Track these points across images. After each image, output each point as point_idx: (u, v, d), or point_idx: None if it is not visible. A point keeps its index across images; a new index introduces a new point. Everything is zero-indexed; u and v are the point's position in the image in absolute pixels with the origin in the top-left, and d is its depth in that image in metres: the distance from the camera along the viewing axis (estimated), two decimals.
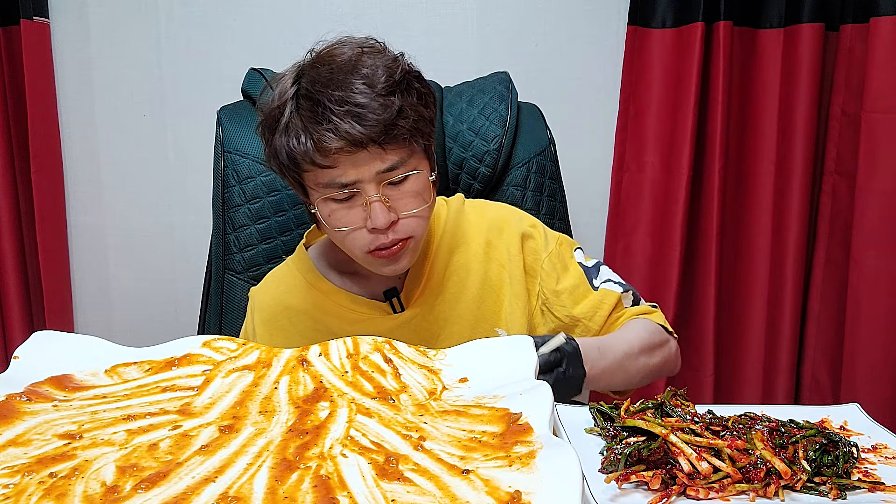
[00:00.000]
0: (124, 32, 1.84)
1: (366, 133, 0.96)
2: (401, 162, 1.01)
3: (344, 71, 0.99)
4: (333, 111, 0.96)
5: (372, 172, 1.00)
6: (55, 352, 0.83)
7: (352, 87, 0.97)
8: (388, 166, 1.00)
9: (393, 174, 1.01)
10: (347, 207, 1.03)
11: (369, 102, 0.97)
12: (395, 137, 0.99)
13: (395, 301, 1.16)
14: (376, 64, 1.00)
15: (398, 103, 0.99)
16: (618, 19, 1.82)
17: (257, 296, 1.22)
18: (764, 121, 1.80)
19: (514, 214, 1.23)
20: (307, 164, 0.99)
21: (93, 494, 0.59)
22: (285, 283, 1.20)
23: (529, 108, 1.46)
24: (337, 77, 0.98)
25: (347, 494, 0.60)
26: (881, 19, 1.64)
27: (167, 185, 1.90)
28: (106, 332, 0.94)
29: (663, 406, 0.92)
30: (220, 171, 1.35)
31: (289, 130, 0.99)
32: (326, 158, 0.98)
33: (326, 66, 1.00)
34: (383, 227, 1.02)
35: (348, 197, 1.02)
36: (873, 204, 1.71)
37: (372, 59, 1.01)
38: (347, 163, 0.99)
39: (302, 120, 0.98)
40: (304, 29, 1.83)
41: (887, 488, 0.80)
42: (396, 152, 1.01)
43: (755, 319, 1.87)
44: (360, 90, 0.97)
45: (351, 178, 1.00)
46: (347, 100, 0.97)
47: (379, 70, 1.00)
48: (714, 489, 0.78)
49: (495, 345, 0.88)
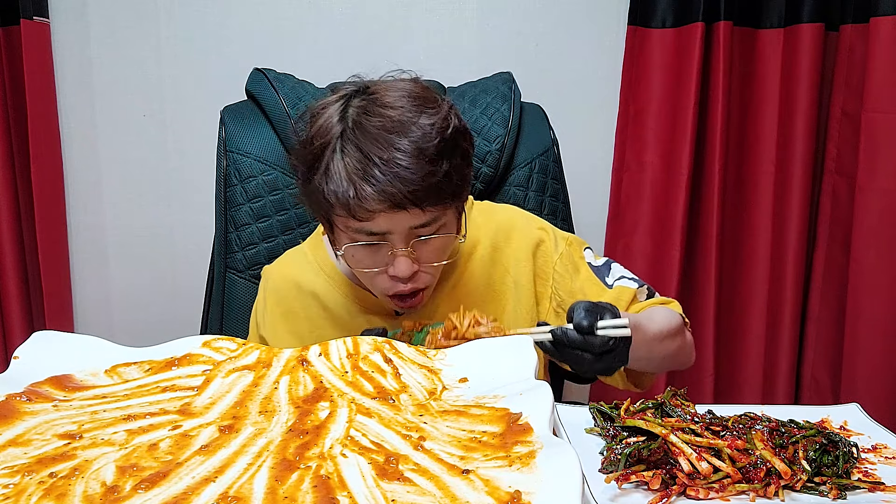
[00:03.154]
0: (124, 32, 1.84)
1: (409, 198, 0.96)
2: (434, 219, 1.01)
3: (394, 131, 0.97)
4: (380, 170, 0.95)
5: (405, 227, 1.00)
6: (55, 352, 0.83)
7: (401, 150, 0.96)
8: (421, 223, 1.00)
9: (424, 231, 1.01)
10: (373, 252, 1.03)
11: (417, 168, 0.96)
12: (436, 200, 0.99)
13: None
14: (427, 126, 0.98)
15: (444, 168, 0.99)
16: (618, 19, 1.82)
17: (270, 273, 1.24)
18: (764, 121, 1.80)
19: (522, 218, 1.23)
20: (344, 213, 0.98)
21: (93, 494, 0.59)
22: (299, 265, 1.22)
23: (533, 109, 1.46)
24: (386, 136, 0.97)
25: (347, 494, 0.60)
26: (881, 19, 1.64)
27: (167, 185, 1.90)
28: (106, 332, 0.94)
29: (663, 406, 0.92)
30: (223, 171, 1.35)
31: (330, 175, 0.98)
32: (364, 213, 0.97)
33: (377, 118, 0.98)
34: (405, 278, 1.03)
35: (376, 243, 1.02)
36: (873, 204, 1.71)
37: (424, 119, 0.99)
38: (383, 218, 0.98)
39: (346, 170, 0.97)
40: (305, 29, 1.83)
41: (887, 488, 0.80)
42: (432, 212, 1.00)
43: (755, 319, 1.87)
44: (409, 153, 0.96)
45: (382, 229, 1.00)
46: (396, 162, 0.95)
47: (430, 133, 0.98)
48: (714, 489, 0.78)
49: (495, 345, 0.88)
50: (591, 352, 0.91)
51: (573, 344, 0.91)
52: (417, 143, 0.97)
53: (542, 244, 1.19)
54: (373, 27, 1.83)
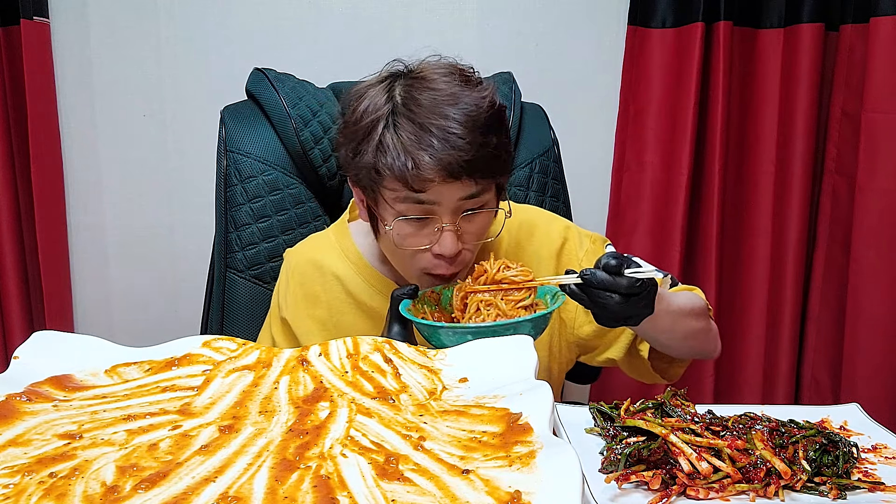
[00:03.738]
0: (124, 32, 1.84)
1: (465, 167, 0.98)
2: (480, 192, 1.03)
3: (445, 103, 1.00)
4: (437, 139, 0.98)
5: (454, 199, 1.01)
6: (55, 352, 0.83)
7: (455, 120, 0.99)
8: (469, 194, 1.02)
9: (470, 203, 1.03)
10: (419, 227, 1.04)
11: (472, 138, 0.99)
12: (487, 171, 1.02)
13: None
14: (474, 99, 1.01)
15: (494, 140, 1.02)
16: (618, 19, 1.82)
17: (293, 254, 1.25)
18: (764, 121, 1.80)
19: (544, 217, 1.25)
20: (398, 184, 1.00)
21: (93, 494, 0.59)
22: (322, 247, 1.23)
23: (533, 109, 1.46)
24: (438, 106, 1.00)
25: (347, 494, 0.60)
26: (881, 19, 1.64)
27: (167, 185, 1.90)
28: (106, 332, 0.94)
29: (663, 406, 0.92)
30: (223, 171, 1.35)
31: (384, 148, 1.00)
32: (421, 184, 0.99)
33: (428, 92, 1.01)
34: (450, 256, 1.03)
35: (422, 218, 1.03)
36: (873, 204, 1.71)
37: (469, 92, 1.02)
38: (435, 189, 1.00)
39: (402, 142, 0.99)
40: (305, 29, 1.83)
41: (887, 488, 0.80)
42: (482, 183, 1.03)
43: (755, 319, 1.87)
44: (462, 123, 0.99)
45: (432, 199, 1.01)
46: (450, 131, 0.98)
47: (481, 105, 1.01)
48: (714, 489, 0.78)
49: (495, 345, 0.88)
50: (618, 292, 0.91)
51: (601, 284, 0.91)
52: (470, 115, 1.00)
53: (567, 243, 1.21)
54: (373, 27, 1.83)
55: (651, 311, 0.97)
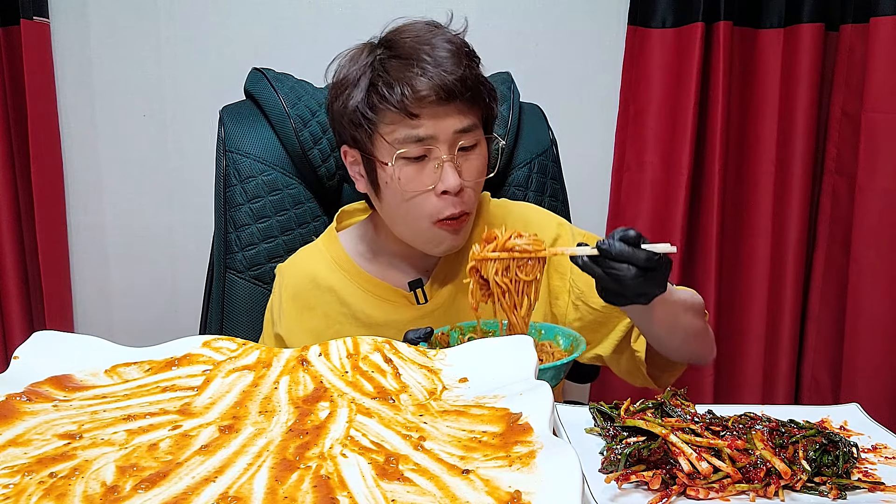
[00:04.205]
0: (124, 32, 1.84)
1: (458, 86, 1.03)
2: (474, 126, 1.08)
3: (427, 35, 1.07)
4: (426, 62, 1.04)
5: (450, 131, 1.06)
6: (55, 352, 0.83)
7: (440, 47, 1.06)
8: (464, 126, 1.07)
9: (466, 136, 1.07)
10: (419, 168, 1.07)
11: (458, 62, 1.05)
12: (475, 97, 1.07)
13: (418, 292, 1.18)
14: (451, 34, 1.10)
15: (477, 69, 1.09)
16: (618, 19, 1.82)
17: (286, 270, 1.25)
18: (764, 121, 1.80)
19: (539, 214, 1.26)
20: (394, 112, 1.04)
21: (93, 494, 0.59)
22: (314, 260, 1.23)
23: (532, 109, 1.46)
24: (422, 39, 1.06)
25: (347, 494, 0.60)
26: (881, 19, 1.64)
27: (167, 185, 1.90)
28: (106, 332, 0.94)
29: (663, 406, 0.92)
30: (222, 171, 1.35)
31: (377, 84, 1.05)
32: (417, 105, 1.03)
33: (407, 36, 1.08)
34: (454, 190, 1.06)
35: (422, 155, 1.06)
36: (873, 204, 1.71)
37: (444, 32, 1.10)
38: (430, 116, 1.04)
39: (390, 75, 1.04)
40: (304, 29, 1.83)
41: (887, 488, 0.80)
42: (472, 115, 1.08)
43: (755, 320, 1.87)
44: (446, 49, 1.06)
45: (430, 132, 1.05)
46: (437, 55, 1.04)
47: (458, 38, 1.10)
48: (714, 489, 0.78)
49: (495, 345, 0.88)
50: (636, 264, 0.89)
51: (620, 255, 0.89)
52: (453, 41, 1.08)
53: (559, 239, 1.21)
54: (372, 27, 1.82)
55: (663, 289, 0.95)
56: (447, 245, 1.12)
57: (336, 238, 1.24)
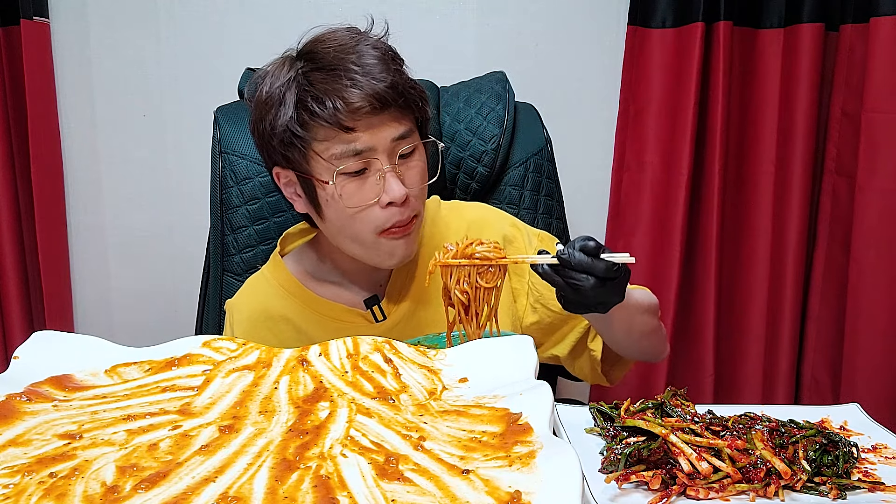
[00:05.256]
0: (124, 32, 1.84)
1: (390, 93, 0.99)
2: (410, 131, 1.04)
3: (350, 43, 1.03)
4: (354, 71, 0.99)
5: (387, 140, 1.01)
6: (55, 352, 0.84)
7: (366, 55, 1.02)
8: (401, 133, 1.03)
9: (405, 143, 1.03)
10: (361, 182, 1.03)
11: (386, 68, 1.01)
12: (407, 102, 1.03)
13: (375, 310, 1.14)
14: (373, 39, 1.06)
15: (406, 73, 1.05)
16: (618, 19, 1.82)
17: (236, 307, 1.20)
18: (764, 121, 1.80)
19: (493, 215, 1.22)
20: (327, 128, 0.99)
21: (93, 494, 0.59)
22: (263, 291, 1.18)
23: (526, 108, 1.46)
24: (346, 47, 1.02)
25: (347, 494, 0.60)
26: (881, 19, 1.64)
27: (167, 185, 1.90)
28: (106, 332, 0.94)
29: (663, 406, 0.92)
30: (218, 172, 1.34)
31: (305, 101, 1.00)
32: (352, 118, 0.99)
33: (329, 46, 1.03)
34: (399, 200, 1.02)
35: (362, 169, 1.02)
36: (873, 204, 1.71)
37: (367, 38, 1.06)
38: (365, 128, 1.00)
39: (317, 88, 1.00)
40: (304, 29, 1.81)
41: (887, 488, 0.80)
42: (407, 121, 1.04)
43: (755, 319, 1.87)
44: (372, 56, 1.02)
45: (368, 144, 1.01)
46: (364, 63, 1.00)
47: (381, 42, 1.06)
48: (714, 489, 0.78)
49: (495, 345, 0.88)
50: (595, 275, 0.89)
51: (579, 265, 0.89)
52: (377, 48, 1.03)
53: (514, 241, 1.18)
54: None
55: (621, 298, 0.95)
56: (400, 255, 1.08)
57: (282, 264, 1.19)
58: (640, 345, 1.14)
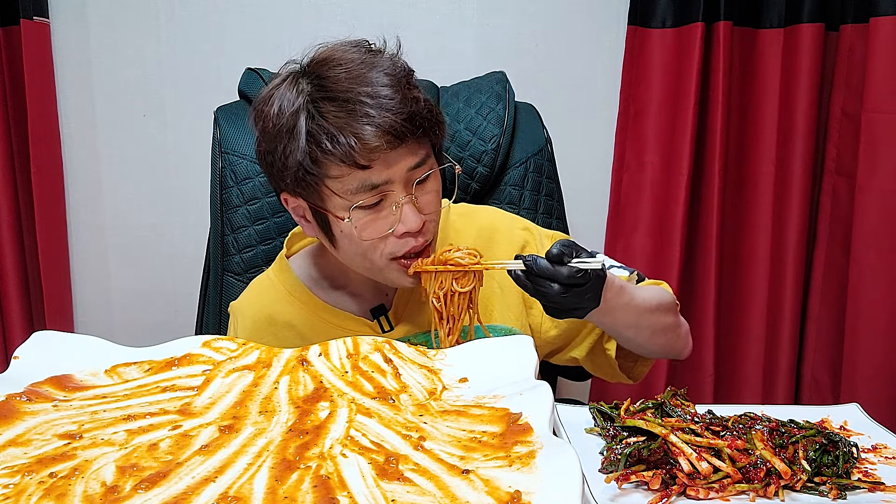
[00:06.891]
0: (124, 32, 1.84)
1: (406, 125, 0.94)
2: (426, 158, 1.00)
3: (361, 69, 0.96)
4: (368, 105, 0.94)
5: (403, 170, 0.97)
6: (55, 352, 0.84)
7: (377, 81, 0.96)
8: (417, 162, 0.98)
9: (420, 171, 0.99)
10: (376, 214, 0.99)
11: (401, 97, 0.95)
12: (425, 130, 0.98)
13: (382, 320, 1.13)
14: (387, 60, 0.99)
15: (422, 96, 0.99)
16: (618, 19, 1.82)
17: (240, 310, 1.18)
18: (764, 121, 1.80)
19: (504, 220, 1.21)
20: (343, 166, 0.95)
21: (93, 494, 0.59)
22: (268, 295, 1.16)
23: (526, 108, 1.46)
24: (357, 75, 0.96)
25: (347, 494, 0.60)
26: (881, 19, 1.64)
27: (167, 185, 1.90)
28: (106, 332, 0.94)
29: (663, 406, 0.92)
30: (218, 172, 1.34)
31: (316, 136, 0.95)
32: (368, 156, 0.94)
33: (338, 68, 0.97)
34: (416, 229, 0.99)
35: (378, 201, 0.98)
36: (873, 204, 1.71)
37: (380, 57, 0.99)
38: (381, 162, 0.95)
39: (334, 123, 0.94)
40: (304, 29, 1.83)
41: (887, 488, 0.80)
42: (423, 148, 1.00)
43: (755, 319, 1.87)
44: (388, 84, 0.96)
45: (383, 178, 0.97)
46: (378, 94, 0.94)
47: (394, 65, 0.99)
48: (714, 489, 0.78)
49: (495, 345, 0.88)
50: (558, 282, 0.89)
51: (541, 272, 0.89)
52: (392, 74, 0.97)
53: (527, 245, 1.17)
54: (371, 27, 1.82)
55: (597, 304, 0.95)
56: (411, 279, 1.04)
57: (287, 266, 1.16)
58: (654, 343, 1.12)
